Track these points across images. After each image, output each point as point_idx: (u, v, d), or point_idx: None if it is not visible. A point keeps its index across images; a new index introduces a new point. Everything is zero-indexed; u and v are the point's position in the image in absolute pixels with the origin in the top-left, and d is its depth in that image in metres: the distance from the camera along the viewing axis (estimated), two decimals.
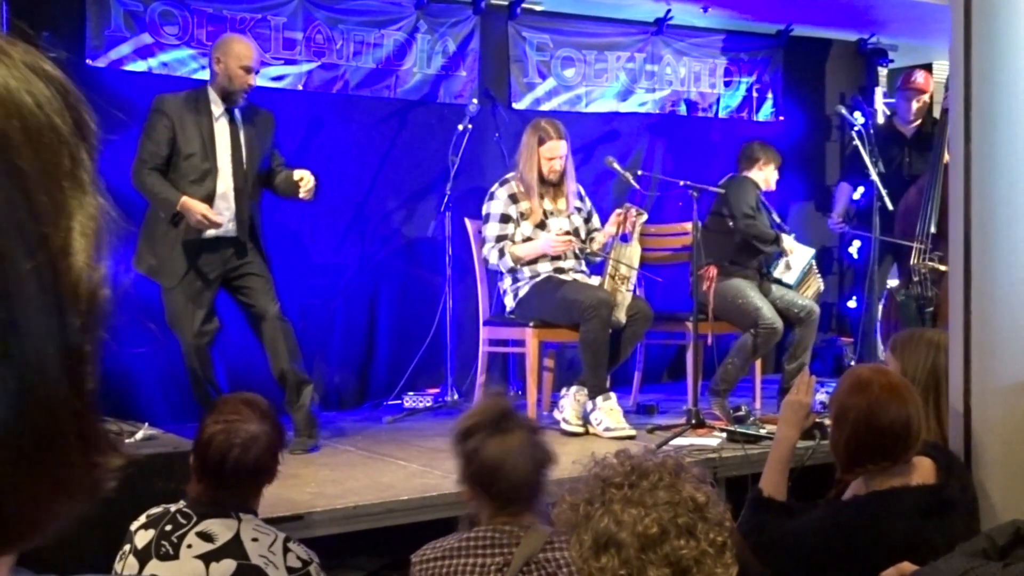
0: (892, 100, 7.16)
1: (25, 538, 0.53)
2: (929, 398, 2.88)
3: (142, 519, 2.58)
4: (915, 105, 6.62)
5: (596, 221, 5.59)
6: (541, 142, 5.34)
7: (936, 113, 6.62)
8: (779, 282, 5.79)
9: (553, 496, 1.57)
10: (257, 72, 4.78)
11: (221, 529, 2.48)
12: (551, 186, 5.42)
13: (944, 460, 2.71)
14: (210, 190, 4.63)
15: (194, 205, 4.52)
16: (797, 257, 5.86)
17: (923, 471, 2.66)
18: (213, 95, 4.69)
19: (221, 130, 4.68)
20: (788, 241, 5.84)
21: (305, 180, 4.70)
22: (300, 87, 5.77)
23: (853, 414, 2.60)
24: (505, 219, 5.37)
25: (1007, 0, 2.80)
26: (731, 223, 5.73)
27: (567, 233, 5.40)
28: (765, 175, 5.99)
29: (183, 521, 2.50)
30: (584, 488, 1.52)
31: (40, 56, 0.54)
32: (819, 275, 6.06)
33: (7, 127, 0.50)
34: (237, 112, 4.71)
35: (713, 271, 5.40)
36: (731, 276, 5.60)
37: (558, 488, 1.56)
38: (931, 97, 6.72)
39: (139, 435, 3.61)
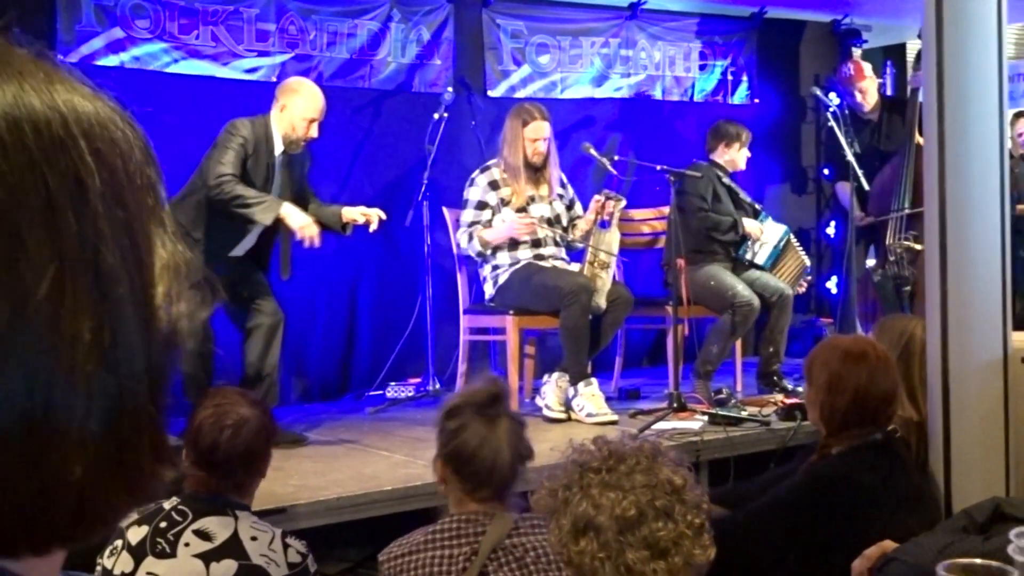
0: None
1: (92, 534, 0.58)
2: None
3: (133, 515, 2.56)
4: (858, 96, 6.60)
5: (578, 208, 5.59)
6: (525, 124, 5.34)
7: (902, 92, 6.64)
8: (753, 264, 5.77)
9: (531, 484, 1.57)
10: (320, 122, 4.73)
11: (218, 527, 2.48)
12: (534, 171, 5.42)
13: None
14: (256, 228, 4.65)
15: (301, 216, 4.48)
16: (768, 236, 5.81)
17: None
18: (276, 134, 4.65)
19: (279, 170, 4.67)
20: (751, 224, 5.75)
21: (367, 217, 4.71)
22: (274, 79, 5.73)
23: (853, 382, 2.72)
24: (481, 206, 5.37)
25: None
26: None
27: (548, 220, 5.40)
28: (731, 155, 5.94)
29: (178, 518, 2.49)
30: (562, 474, 1.53)
31: (120, 107, 0.60)
32: (800, 250, 6.00)
33: (115, 163, 0.57)
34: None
35: (682, 262, 5.37)
36: (700, 264, 5.58)
37: (537, 475, 1.56)
38: (894, 73, 6.75)
39: None
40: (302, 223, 4.47)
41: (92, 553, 2.62)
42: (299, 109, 4.64)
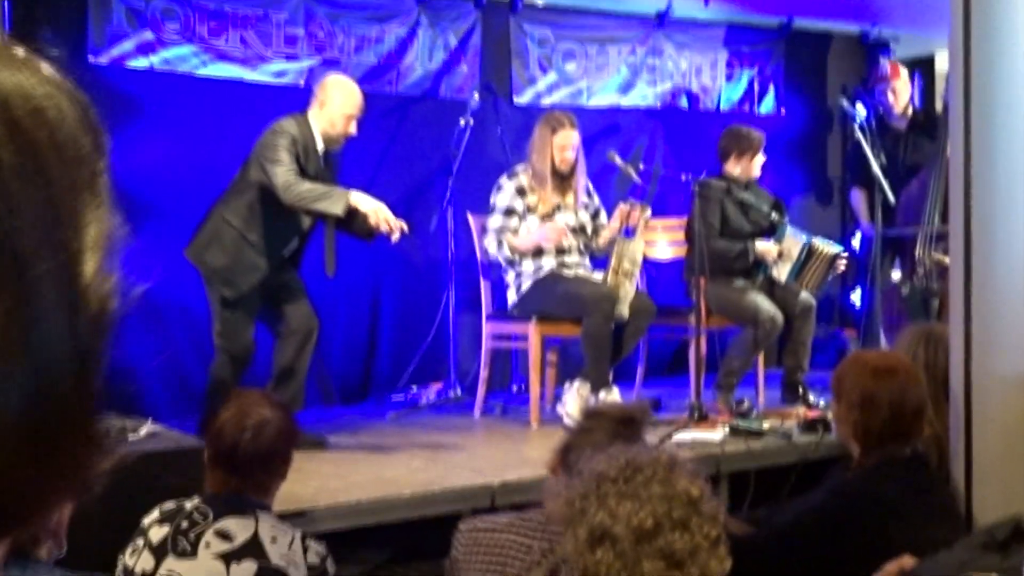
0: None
1: (18, 525, 0.55)
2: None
3: (155, 513, 2.58)
4: (890, 96, 6.62)
5: (603, 217, 5.59)
6: (554, 131, 5.35)
7: (930, 104, 6.63)
8: (775, 281, 5.67)
9: (548, 492, 1.58)
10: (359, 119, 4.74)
11: (239, 528, 2.49)
12: (561, 179, 5.43)
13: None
14: (306, 225, 4.70)
15: (372, 202, 4.49)
16: (787, 251, 5.68)
17: None
18: (316, 132, 4.67)
19: (322, 167, 4.70)
20: (763, 247, 5.61)
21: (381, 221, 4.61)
22: (302, 83, 5.77)
23: (887, 398, 2.73)
24: (509, 212, 5.38)
25: None
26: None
27: (573, 229, 5.40)
28: (742, 166, 5.80)
29: (200, 518, 2.51)
30: (579, 483, 1.53)
31: (65, 75, 0.58)
32: (827, 245, 5.78)
33: (38, 136, 0.54)
34: None
35: (703, 281, 5.35)
36: (723, 280, 5.53)
37: (553, 482, 1.57)
38: (922, 86, 6.74)
39: (143, 431, 3.62)
40: (374, 207, 4.48)
41: (113, 551, 2.64)
42: (338, 106, 4.67)
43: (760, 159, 5.86)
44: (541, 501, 2.41)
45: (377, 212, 4.48)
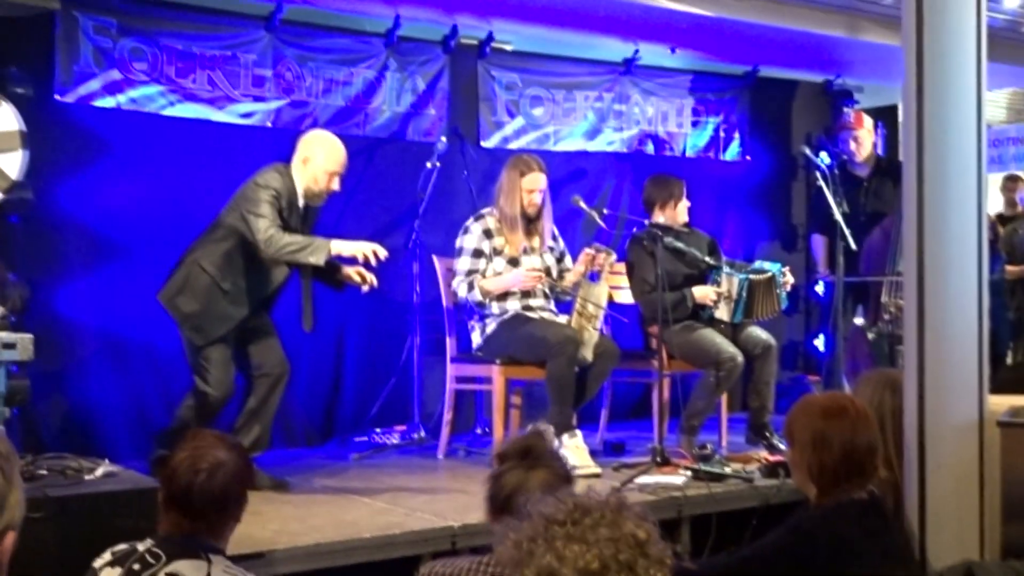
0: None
1: None
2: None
3: (107, 556, 2.55)
4: (852, 144, 6.75)
5: (568, 261, 5.62)
6: (522, 175, 5.39)
7: (893, 153, 6.74)
8: (722, 322, 5.65)
9: (497, 535, 1.59)
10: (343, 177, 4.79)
11: (191, 571, 2.47)
12: (528, 222, 5.46)
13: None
14: (281, 277, 4.75)
15: (353, 244, 4.57)
16: (729, 291, 5.64)
17: None
18: (298, 186, 4.70)
19: (302, 222, 4.73)
20: (700, 292, 5.61)
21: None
22: (269, 124, 5.80)
23: (837, 438, 2.75)
24: (477, 254, 5.40)
25: (957, 46, 2.86)
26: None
27: (538, 271, 5.42)
28: (667, 214, 5.80)
29: (152, 560, 2.48)
30: (527, 525, 1.54)
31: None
32: (765, 269, 5.76)
33: None
34: None
35: (655, 328, 5.39)
36: (680, 325, 5.53)
37: (502, 527, 1.58)
38: (885, 134, 6.86)
39: (99, 471, 3.58)
40: (357, 247, 4.56)
41: None
42: (321, 162, 4.70)
43: (684, 204, 5.87)
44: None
45: (362, 249, 4.55)
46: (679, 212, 5.85)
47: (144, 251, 5.31)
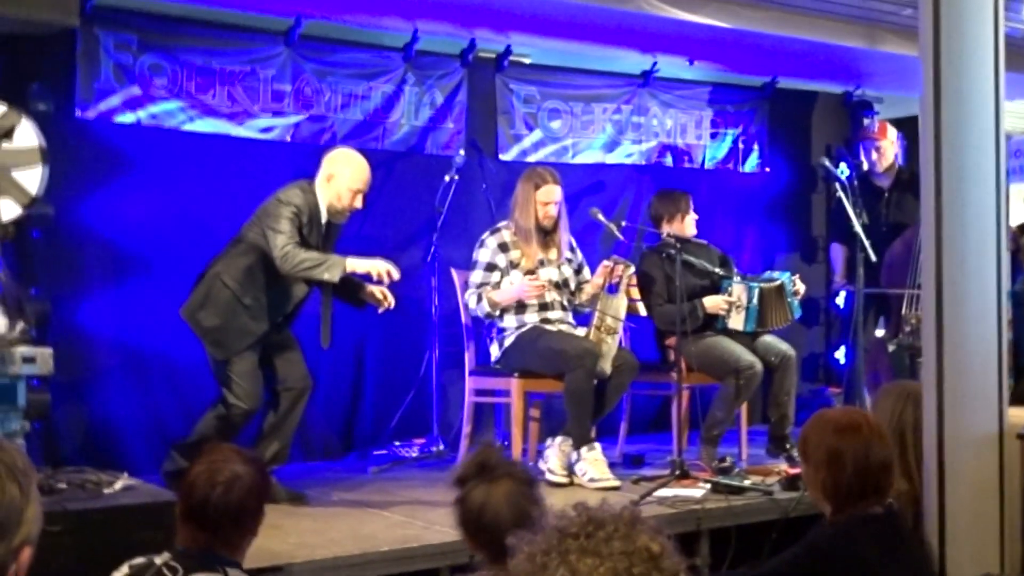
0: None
1: None
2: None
3: (124, 569, 2.57)
4: (874, 154, 6.75)
5: (587, 273, 5.62)
6: (537, 187, 5.40)
7: (914, 163, 6.69)
8: (737, 332, 5.64)
9: (511, 548, 1.58)
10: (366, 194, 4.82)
11: None
12: (544, 234, 5.47)
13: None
14: (302, 293, 4.76)
15: (368, 261, 4.60)
16: (739, 300, 5.65)
17: None
18: (322, 204, 4.73)
19: (324, 239, 4.75)
20: (711, 302, 5.62)
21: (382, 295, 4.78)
22: (288, 139, 5.82)
23: (851, 455, 2.73)
24: (490, 268, 5.41)
25: (974, 56, 2.85)
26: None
27: (556, 284, 5.43)
28: (674, 228, 5.79)
29: (169, 574, 2.49)
30: (541, 539, 1.53)
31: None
32: (776, 278, 5.77)
33: None
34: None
35: (673, 340, 5.40)
36: (698, 336, 5.52)
37: (516, 540, 1.57)
38: (905, 146, 6.84)
39: (118, 485, 3.60)
40: (372, 265, 4.60)
41: None
42: (346, 180, 4.73)
43: (692, 218, 5.88)
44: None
45: (375, 267, 4.58)
46: (687, 225, 5.86)
47: (163, 266, 5.33)
